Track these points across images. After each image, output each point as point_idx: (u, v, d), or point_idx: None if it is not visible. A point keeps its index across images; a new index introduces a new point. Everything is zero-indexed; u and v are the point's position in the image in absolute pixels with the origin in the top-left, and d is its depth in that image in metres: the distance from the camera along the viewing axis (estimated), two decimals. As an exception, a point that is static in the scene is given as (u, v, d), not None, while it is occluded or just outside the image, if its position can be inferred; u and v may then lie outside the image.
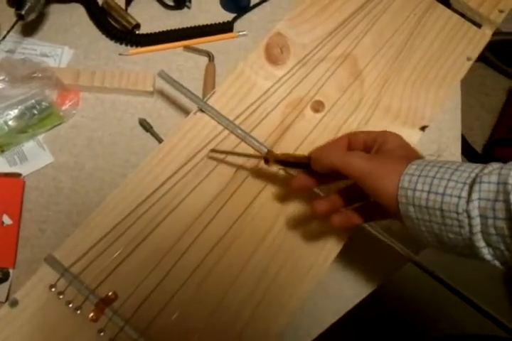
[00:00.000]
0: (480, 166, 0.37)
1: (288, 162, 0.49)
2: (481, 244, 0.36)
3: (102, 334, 0.46)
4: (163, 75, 0.59)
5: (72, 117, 0.64)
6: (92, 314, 0.46)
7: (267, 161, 0.49)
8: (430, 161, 0.40)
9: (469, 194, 0.35)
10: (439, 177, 0.37)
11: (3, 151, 0.61)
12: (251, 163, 0.55)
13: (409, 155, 0.44)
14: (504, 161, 0.37)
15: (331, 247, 0.53)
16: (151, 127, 0.65)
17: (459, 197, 0.36)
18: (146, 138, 0.64)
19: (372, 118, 0.59)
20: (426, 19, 0.68)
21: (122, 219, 0.50)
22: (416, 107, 0.60)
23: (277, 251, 0.52)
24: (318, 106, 0.60)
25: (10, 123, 0.61)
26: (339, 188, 0.48)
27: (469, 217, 0.35)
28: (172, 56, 0.72)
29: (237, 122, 0.57)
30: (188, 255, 0.50)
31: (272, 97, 0.59)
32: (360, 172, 0.41)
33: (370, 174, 0.41)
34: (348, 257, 0.55)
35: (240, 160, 0.55)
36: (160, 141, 0.64)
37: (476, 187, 0.35)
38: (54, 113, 0.63)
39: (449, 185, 0.37)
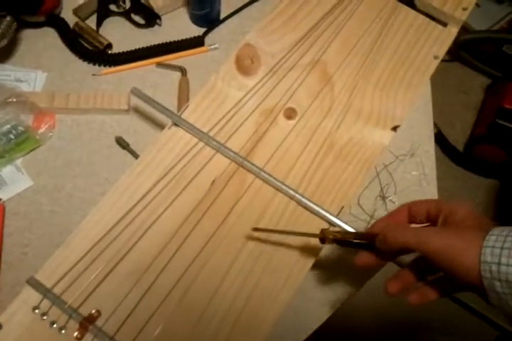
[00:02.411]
0: None
1: (347, 241, 0.47)
2: None
3: (87, 352, 0.46)
4: (136, 92, 0.59)
5: (49, 140, 0.65)
6: (76, 333, 0.46)
7: (323, 241, 0.47)
8: (510, 230, 0.37)
9: None
10: None
11: (-19, 177, 0.61)
12: (226, 174, 0.56)
13: (480, 224, 0.41)
14: (485, 158, 0.35)
15: (308, 255, 0.53)
16: (128, 144, 0.65)
17: None
18: (124, 156, 0.65)
19: (344, 122, 0.60)
20: (392, 21, 0.69)
21: (101, 237, 0.50)
22: (387, 108, 0.61)
23: (255, 262, 0.52)
24: (290, 114, 0.60)
25: (-14, 149, 0.61)
26: (407, 262, 0.46)
27: None
28: (145, 73, 0.73)
29: (211, 134, 0.57)
30: (168, 270, 0.50)
31: (244, 107, 0.60)
32: (435, 249, 0.39)
33: (447, 250, 0.39)
34: (330, 260, 0.55)
35: (215, 173, 0.56)
36: (137, 157, 0.64)
37: None
38: (30, 137, 0.63)
39: None
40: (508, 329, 1.12)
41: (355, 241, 0.47)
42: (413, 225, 0.48)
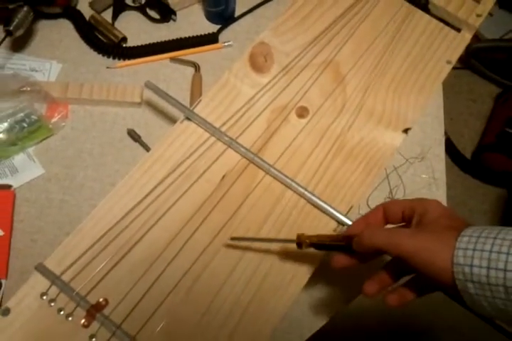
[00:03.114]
0: None
1: (324, 245, 0.47)
2: None
3: (93, 340, 0.46)
4: (150, 85, 0.60)
5: (62, 129, 0.65)
6: (83, 320, 0.47)
7: (299, 246, 0.47)
8: (481, 230, 0.38)
9: None
10: (497, 251, 0.35)
11: (-7, 164, 0.62)
12: (237, 170, 0.56)
13: (454, 224, 0.41)
14: (493, 167, 0.35)
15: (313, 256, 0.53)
16: (140, 137, 0.66)
17: None
18: (135, 148, 0.65)
19: (356, 123, 0.60)
20: (406, 25, 0.69)
21: (111, 227, 0.51)
22: (398, 110, 0.62)
23: (264, 256, 0.53)
24: (302, 112, 0.61)
25: (0, 136, 0.61)
26: (384, 264, 0.47)
27: None
28: (159, 68, 0.74)
29: (223, 129, 0.58)
30: (176, 261, 0.51)
31: (257, 104, 0.61)
32: (408, 251, 0.39)
33: (420, 252, 0.39)
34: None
35: (226, 168, 0.56)
36: (148, 150, 0.65)
37: None
38: (43, 126, 0.64)
39: (509, 260, 0.34)
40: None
41: (332, 243, 0.47)
42: (389, 225, 0.48)
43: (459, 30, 0.70)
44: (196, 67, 0.73)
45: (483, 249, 0.35)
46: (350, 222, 0.53)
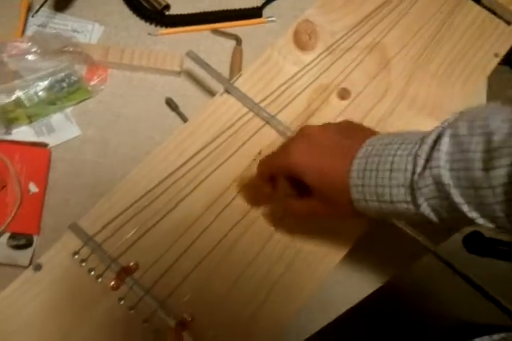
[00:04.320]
0: (410, 158, 0.37)
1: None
2: (442, 225, 0.37)
3: (121, 302, 0.47)
4: (192, 55, 0.60)
5: (100, 93, 0.65)
6: (112, 282, 0.47)
7: None
8: (366, 160, 0.40)
9: (414, 198, 0.36)
10: (381, 185, 0.38)
11: (31, 122, 0.62)
12: (273, 147, 0.56)
13: (336, 143, 0.43)
14: None
15: (349, 233, 0.54)
16: (177, 107, 0.65)
17: (406, 202, 0.37)
18: (172, 117, 0.65)
19: (398, 109, 0.60)
20: (455, 14, 0.68)
21: (146, 192, 0.51)
22: (442, 100, 0.61)
23: (299, 229, 0.53)
24: (344, 94, 0.60)
25: (40, 94, 0.62)
26: None
27: (423, 215, 0.37)
28: (200, 39, 0.73)
29: (262, 105, 0.58)
30: (208, 232, 0.51)
31: (298, 82, 0.60)
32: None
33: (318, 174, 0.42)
34: (365, 245, 0.55)
35: (262, 144, 0.56)
36: (185, 120, 0.65)
37: (418, 193, 0.36)
38: (82, 87, 0.64)
39: (392, 193, 0.37)
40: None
41: None
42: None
43: (509, 23, 0.69)
44: (238, 40, 0.72)
45: (369, 184, 0.38)
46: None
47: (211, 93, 0.67)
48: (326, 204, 0.43)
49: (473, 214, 0.34)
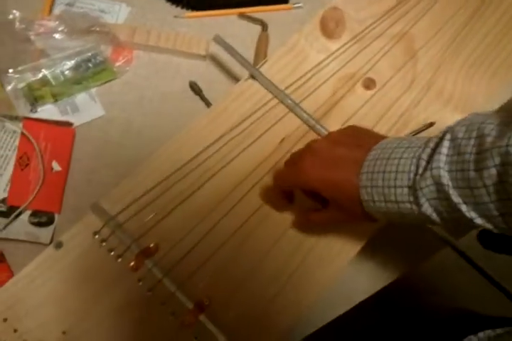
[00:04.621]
0: (414, 160, 0.38)
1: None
2: (446, 225, 0.39)
3: (140, 283, 0.48)
4: (218, 40, 0.59)
5: (125, 74, 0.66)
6: (132, 263, 0.48)
7: None
8: (374, 162, 0.41)
9: (416, 198, 0.38)
10: (387, 186, 0.39)
11: (56, 100, 0.62)
12: (296, 134, 0.56)
13: (345, 152, 0.44)
14: None
15: (365, 227, 0.54)
16: (201, 91, 0.65)
17: (410, 202, 0.38)
18: (195, 101, 0.65)
19: (424, 101, 0.59)
20: (486, 5, 0.66)
21: (169, 175, 0.52)
22: (468, 93, 0.60)
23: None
24: (369, 84, 0.60)
25: (66, 73, 0.62)
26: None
27: (426, 215, 0.38)
28: (225, 23, 0.72)
29: (287, 92, 0.57)
30: (230, 216, 0.51)
31: (324, 70, 0.59)
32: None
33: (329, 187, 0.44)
34: (384, 237, 0.55)
35: (285, 132, 0.56)
36: (208, 105, 0.65)
37: (419, 193, 0.37)
38: (108, 68, 0.64)
39: (397, 193, 0.39)
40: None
41: None
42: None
43: (542, 15, 0.67)
44: (264, 25, 0.72)
45: (377, 185, 0.40)
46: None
47: (235, 78, 0.67)
48: (343, 212, 0.45)
49: (471, 214, 0.35)
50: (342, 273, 0.52)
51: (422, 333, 0.73)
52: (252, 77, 0.58)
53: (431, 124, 0.58)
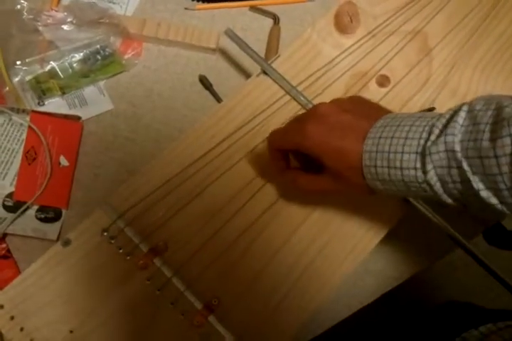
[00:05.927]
0: (427, 127, 0.38)
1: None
2: (447, 199, 0.38)
3: (149, 282, 0.47)
4: (230, 33, 0.58)
5: (134, 67, 0.64)
6: (141, 261, 0.47)
7: None
8: (382, 129, 0.40)
9: (423, 164, 0.37)
10: (394, 151, 0.38)
11: (64, 93, 0.61)
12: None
13: (350, 120, 0.43)
14: None
15: (378, 229, 0.53)
16: (211, 85, 0.64)
17: (415, 168, 0.37)
18: (205, 96, 0.64)
19: (438, 99, 0.58)
20: (502, 3, 0.65)
21: (178, 172, 0.51)
22: (483, 92, 0.59)
23: (325, 225, 0.52)
24: (383, 81, 0.59)
25: (74, 65, 0.61)
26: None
27: (430, 184, 0.37)
28: (237, 15, 0.71)
29: (300, 88, 0.56)
30: (239, 216, 0.51)
31: (337, 66, 0.58)
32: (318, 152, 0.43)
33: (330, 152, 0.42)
34: (395, 237, 0.55)
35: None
36: (219, 100, 0.64)
37: (428, 159, 0.36)
38: (116, 60, 0.63)
39: (403, 159, 0.38)
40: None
41: None
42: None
43: (559, 13, 0.66)
44: (276, 18, 0.70)
45: (383, 151, 0.39)
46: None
47: (246, 73, 0.66)
48: (339, 182, 0.43)
49: (478, 185, 0.34)
50: (352, 273, 0.51)
51: (424, 327, 0.73)
52: (264, 72, 0.57)
53: (430, 109, 0.57)
